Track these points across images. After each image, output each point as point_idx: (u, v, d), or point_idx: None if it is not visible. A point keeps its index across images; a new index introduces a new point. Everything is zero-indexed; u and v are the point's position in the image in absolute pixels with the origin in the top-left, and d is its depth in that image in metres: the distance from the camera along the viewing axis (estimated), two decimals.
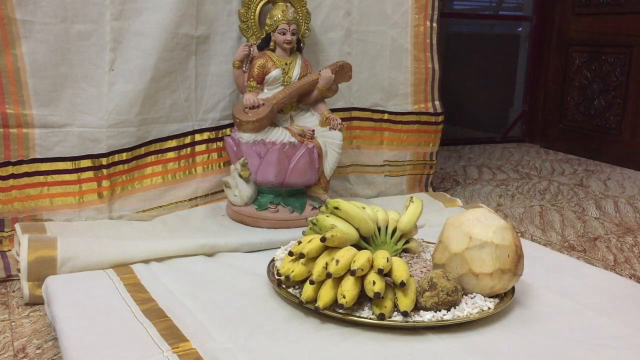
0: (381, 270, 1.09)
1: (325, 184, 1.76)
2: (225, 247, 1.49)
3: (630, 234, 1.91)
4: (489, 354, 1.03)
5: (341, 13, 1.92)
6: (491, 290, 1.17)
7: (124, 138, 1.64)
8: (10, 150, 1.53)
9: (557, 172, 2.80)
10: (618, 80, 2.96)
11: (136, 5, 1.60)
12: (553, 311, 1.20)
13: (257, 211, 1.67)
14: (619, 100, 2.96)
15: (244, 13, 1.73)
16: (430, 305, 1.11)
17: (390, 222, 1.34)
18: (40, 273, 1.30)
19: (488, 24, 4.08)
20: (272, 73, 1.69)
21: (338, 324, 1.11)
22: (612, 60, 2.98)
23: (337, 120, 1.73)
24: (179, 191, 1.76)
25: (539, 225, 1.99)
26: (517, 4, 4.03)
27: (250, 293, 1.25)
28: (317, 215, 1.31)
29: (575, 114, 3.21)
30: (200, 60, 1.74)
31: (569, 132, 3.25)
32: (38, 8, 1.49)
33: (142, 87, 1.63)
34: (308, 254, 1.16)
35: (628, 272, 1.59)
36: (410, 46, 2.03)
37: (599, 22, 3.05)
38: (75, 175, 1.61)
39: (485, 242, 1.15)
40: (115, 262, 1.36)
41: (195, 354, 0.99)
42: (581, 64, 3.15)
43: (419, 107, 2.10)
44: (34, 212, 1.57)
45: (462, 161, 3.00)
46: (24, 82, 1.51)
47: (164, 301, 1.19)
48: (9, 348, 1.14)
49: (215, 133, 1.80)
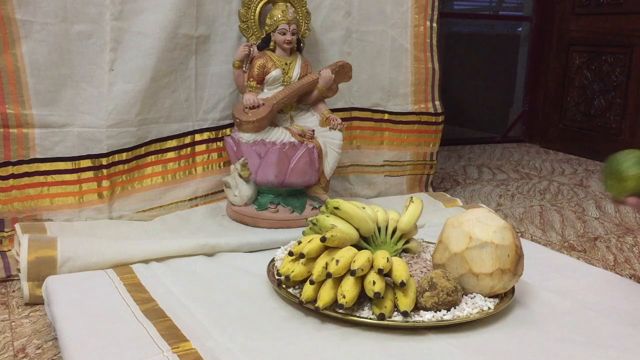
0: (381, 270, 1.09)
1: (325, 184, 1.76)
2: (225, 247, 1.49)
3: (630, 234, 1.91)
4: (489, 354, 1.03)
5: (341, 13, 1.92)
6: (491, 290, 1.17)
7: (124, 138, 1.64)
8: (10, 150, 1.53)
9: (557, 172, 2.80)
10: (618, 80, 2.96)
11: (136, 5, 1.60)
12: (553, 311, 1.20)
13: (257, 211, 1.67)
14: (619, 100, 2.96)
15: (244, 13, 1.73)
16: (431, 305, 1.11)
17: (390, 222, 1.34)
18: (40, 273, 1.30)
19: (488, 24, 4.08)
20: (272, 73, 1.69)
21: (338, 324, 1.11)
22: (612, 60, 2.98)
23: (337, 120, 1.73)
24: (179, 191, 1.76)
25: (539, 225, 1.99)
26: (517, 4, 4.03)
27: (250, 293, 1.25)
28: (317, 216, 1.31)
29: (575, 114, 3.21)
30: (200, 60, 1.74)
31: (569, 132, 3.25)
32: (38, 8, 1.49)
33: (142, 87, 1.63)
34: (308, 254, 1.16)
35: (628, 272, 1.59)
36: (411, 46, 2.03)
37: (599, 22, 3.05)
38: (75, 175, 1.61)
39: (486, 242, 1.15)
40: (115, 262, 1.36)
41: (195, 354, 0.99)
42: (581, 64, 3.15)
43: (419, 107, 2.10)
44: (34, 212, 1.57)
45: (462, 161, 3.00)
46: (24, 82, 1.51)
47: (164, 301, 1.19)
48: (9, 348, 1.14)
49: (215, 133, 1.80)
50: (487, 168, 2.85)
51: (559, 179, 2.64)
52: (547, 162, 3.01)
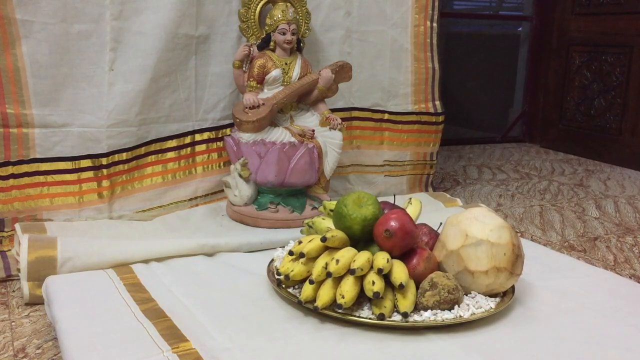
0: (381, 270, 1.09)
1: (325, 184, 1.76)
2: (225, 247, 1.49)
3: (630, 234, 1.91)
4: (489, 354, 1.03)
5: (341, 13, 1.92)
6: (487, 289, 1.17)
7: (124, 138, 1.64)
8: (10, 150, 1.53)
9: (557, 172, 2.80)
10: (618, 80, 2.96)
11: (136, 5, 1.60)
12: (553, 311, 1.20)
13: (257, 211, 1.67)
14: (619, 100, 2.96)
15: (244, 13, 1.73)
16: (432, 304, 1.12)
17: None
18: (40, 273, 1.30)
19: (488, 24, 4.08)
20: (272, 73, 1.69)
21: (337, 323, 1.11)
22: (612, 60, 2.98)
23: (337, 120, 1.73)
24: (179, 191, 1.76)
25: (539, 225, 1.99)
26: (517, 4, 4.03)
27: (250, 293, 1.25)
28: (313, 218, 1.32)
29: (575, 114, 3.21)
30: (200, 60, 1.74)
31: (569, 132, 3.25)
32: (38, 8, 1.49)
33: (142, 87, 1.63)
34: (308, 253, 1.16)
35: (628, 272, 1.59)
36: (411, 46, 2.03)
37: (599, 22, 3.05)
38: (75, 175, 1.61)
39: (481, 240, 1.16)
40: (115, 262, 1.36)
41: (195, 354, 0.99)
42: (581, 64, 3.15)
43: (419, 107, 2.10)
44: (34, 212, 1.57)
45: (462, 161, 3.00)
46: (24, 82, 1.51)
47: (164, 301, 1.19)
48: (9, 348, 1.14)
49: (215, 133, 1.80)
50: (487, 168, 2.85)
51: (559, 179, 2.64)
52: (547, 162, 3.01)
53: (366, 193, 1.23)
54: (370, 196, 1.22)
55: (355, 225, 1.19)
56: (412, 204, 1.37)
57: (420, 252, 1.18)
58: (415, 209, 1.36)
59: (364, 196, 1.22)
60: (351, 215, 1.18)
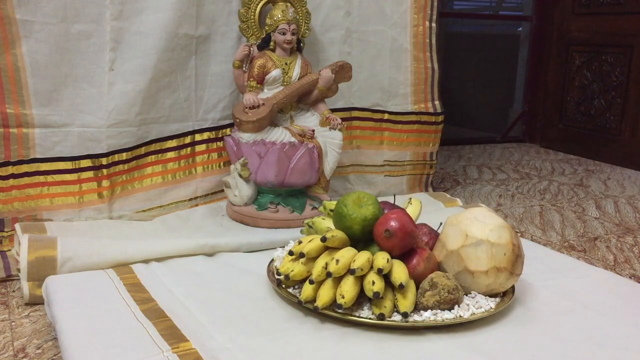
0: (381, 270, 1.09)
1: (325, 184, 1.76)
2: (225, 247, 1.49)
3: (630, 234, 1.91)
4: (489, 354, 1.03)
5: (341, 13, 1.92)
6: (487, 289, 1.18)
7: (124, 138, 1.64)
8: (10, 150, 1.53)
9: (557, 172, 2.80)
10: (618, 80, 2.96)
11: (136, 5, 1.60)
12: (553, 311, 1.20)
13: (257, 211, 1.67)
14: (619, 100, 2.96)
15: (244, 13, 1.73)
16: (433, 304, 1.12)
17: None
18: (40, 273, 1.30)
19: (488, 24, 4.08)
20: (272, 73, 1.69)
21: (337, 323, 1.11)
22: (612, 60, 2.98)
23: (337, 120, 1.73)
24: (179, 191, 1.76)
25: (539, 225, 1.99)
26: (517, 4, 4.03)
27: (250, 293, 1.25)
28: (313, 218, 1.32)
29: (575, 114, 3.21)
30: (200, 60, 1.74)
31: (569, 132, 3.25)
32: (38, 8, 1.49)
33: (142, 87, 1.63)
34: (308, 253, 1.16)
35: (628, 272, 1.59)
36: (410, 46, 2.03)
37: (599, 22, 3.05)
38: (75, 175, 1.61)
39: (481, 240, 1.16)
40: (115, 262, 1.36)
41: (195, 354, 0.99)
42: (581, 64, 3.15)
43: (419, 107, 2.10)
44: (34, 212, 1.57)
45: (462, 161, 3.00)
46: (24, 82, 1.51)
47: (164, 301, 1.19)
48: (9, 348, 1.14)
49: (215, 133, 1.80)
50: (487, 168, 2.85)
51: (559, 179, 2.64)
52: (547, 162, 3.01)
53: (366, 193, 1.23)
54: (370, 196, 1.22)
55: (355, 225, 1.19)
56: (412, 204, 1.37)
57: (420, 252, 1.18)
58: (415, 209, 1.36)
59: (364, 196, 1.22)
60: (351, 215, 1.18)
